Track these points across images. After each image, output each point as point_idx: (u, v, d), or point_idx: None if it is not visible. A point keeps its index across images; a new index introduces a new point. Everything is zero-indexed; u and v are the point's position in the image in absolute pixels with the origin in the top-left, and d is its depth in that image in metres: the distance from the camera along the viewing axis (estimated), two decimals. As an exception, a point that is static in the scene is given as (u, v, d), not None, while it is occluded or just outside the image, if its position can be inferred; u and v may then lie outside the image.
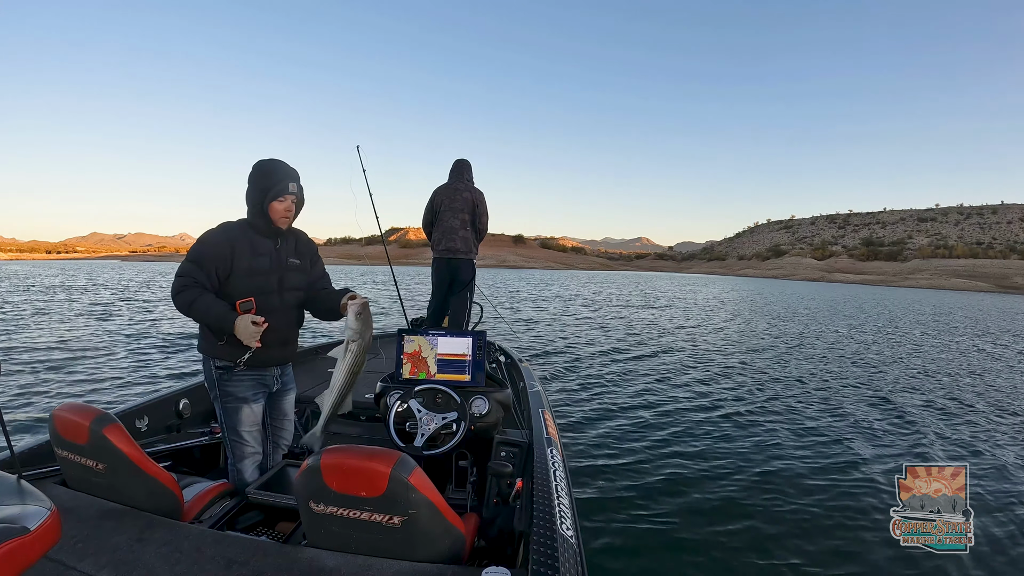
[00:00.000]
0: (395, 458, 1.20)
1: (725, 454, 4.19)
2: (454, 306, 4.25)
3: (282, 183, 1.88)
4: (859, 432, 4.90)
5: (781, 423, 5.10)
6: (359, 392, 2.96)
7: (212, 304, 1.79)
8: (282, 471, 1.99)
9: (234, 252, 1.84)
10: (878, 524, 3.08)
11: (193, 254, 1.84)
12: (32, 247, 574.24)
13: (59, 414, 1.51)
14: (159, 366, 6.89)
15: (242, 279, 1.86)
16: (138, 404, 2.35)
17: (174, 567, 1.19)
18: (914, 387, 7.14)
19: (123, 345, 8.34)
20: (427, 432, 2.05)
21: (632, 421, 4.96)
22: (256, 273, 1.89)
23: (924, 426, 5.20)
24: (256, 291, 1.89)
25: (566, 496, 1.59)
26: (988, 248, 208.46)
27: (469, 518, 1.66)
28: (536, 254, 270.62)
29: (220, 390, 1.93)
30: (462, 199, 4.14)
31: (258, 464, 2.04)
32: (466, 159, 4.35)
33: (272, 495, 1.80)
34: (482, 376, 2.35)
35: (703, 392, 6.32)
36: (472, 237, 4.21)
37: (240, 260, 1.85)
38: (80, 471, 1.52)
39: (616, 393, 6.07)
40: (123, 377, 6.21)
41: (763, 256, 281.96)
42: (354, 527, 1.21)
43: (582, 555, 1.34)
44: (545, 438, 2.00)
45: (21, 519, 0.93)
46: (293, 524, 1.79)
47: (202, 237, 1.87)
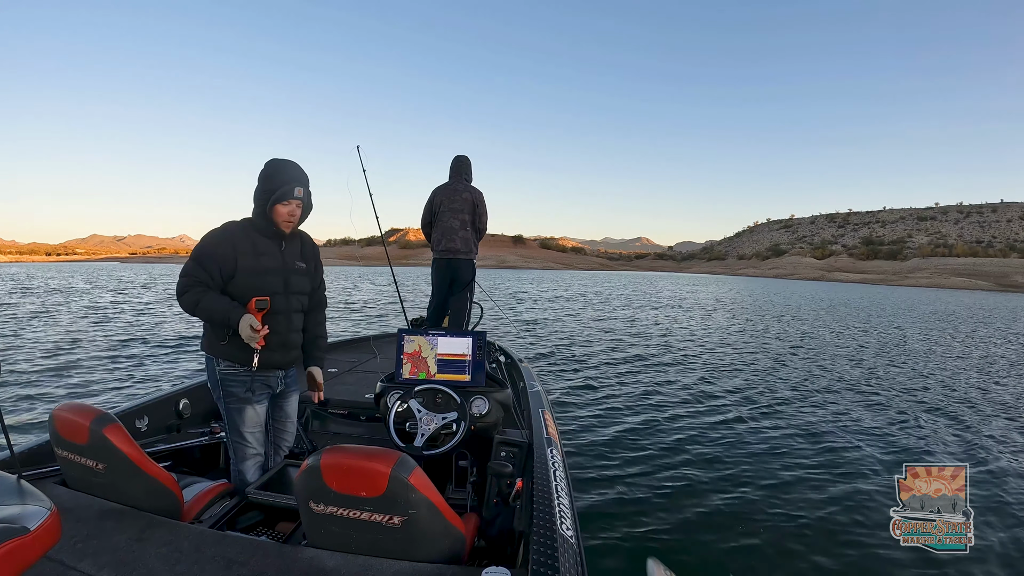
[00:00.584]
0: (395, 458, 1.20)
1: (725, 454, 4.19)
2: (454, 306, 4.23)
3: (288, 186, 1.87)
4: (859, 431, 4.90)
5: (781, 423, 5.10)
6: (359, 392, 2.96)
7: (217, 299, 1.80)
8: (282, 471, 1.99)
9: (236, 251, 1.84)
10: (878, 524, 3.09)
11: (196, 253, 1.84)
12: (32, 249, 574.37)
13: (59, 414, 1.51)
14: (159, 366, 6.89)
15: (247, 279, 1.86)
16: (138, 404, 2.35)
17: (174, 567, 1.19)
18: (916, 387, 7.14)
19: (123, 345, 8.34)
20: (427, 432, 2.05)
21: (632, 421, 4.96)
22: (261, 273, 1.89)
23: (924, 425, 5.20)
24: (262, 291, 1.88)
25: (566, 496, 1.59)
26: (988, 247, 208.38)
27: (469, 518, 1.66)
28: (536, 254, 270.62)
29: (224, 391, 1.93)
30: (462, 199, 4.11)
31: (260, 465, 2.04)
32: (465, 156, 4.31)
33: (272, 495, 1.80)
34: (482, 376, 2.35)
35: (703, 391, 6.32)
36: (472, 237, 4.20)
37: (244, 259, 1.85)
38: (80, 471, 1.52)
39: (616, 393, 6.07)
40: (123, 377, 6.21)
41: (763, 256, 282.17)
42: (354, 527, 1.21)
43: (582, 555, 1.34)
44: (545, 438, 2.00)
45: (21, 519, 0.93)
46: (293, 524, 1.79)
47: (204, 237, 1.88)
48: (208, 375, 1.98)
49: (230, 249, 1.84)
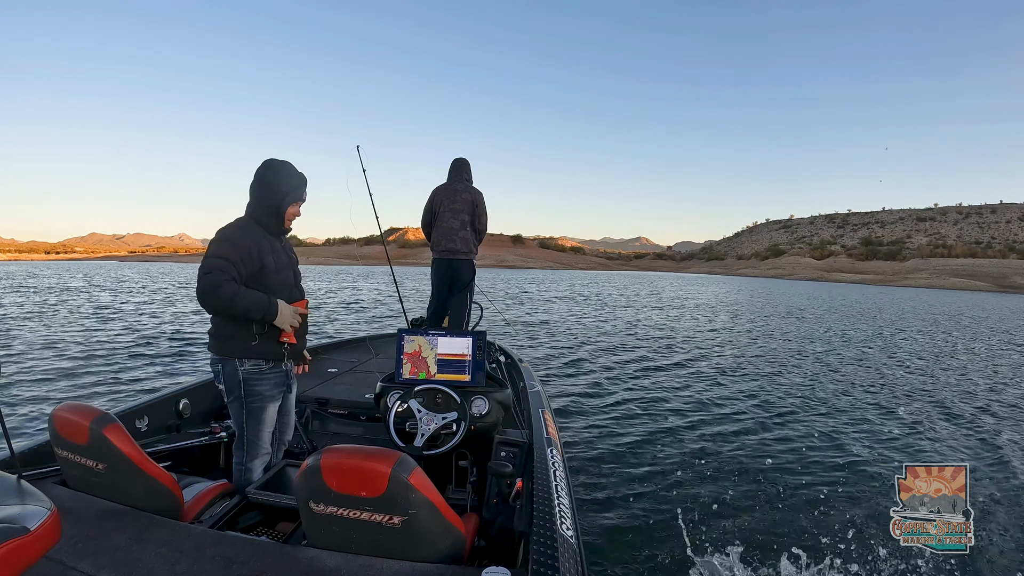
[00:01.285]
0: (395, 458, 1.20)
1: (725, 453, 4.19)
2: (454, 306, 4.22)
3: (300, 188, 1.98)
4: (859, 431, 4.91)
5: (781, 422, 5.10)
6: (359, 392, 2.96)
7: (253, 292, 1.84)
8: (282, 471, 1.99)
9: (260, 250, 1.89)
10: (878, 524, 3.09)
11: (225, 250, 1.82)
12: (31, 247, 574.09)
13: (59, 414, 1.51)
14: (159, 366, 6.88)
15: (270, 276, 1.92)
16: (138, 404, 2.35)
17: (174, 567, 1.19)
18: (918, 387, 7.15)
19: (123, 345, 8.33)
20: (427, 432, 2.05)
21: (633, 421, 4.97)
22: (280, 270, 1.97)
23: (925, 425, 5.21)
24: (283, 287, 1.96)
25: (566, 496, 1.59)
26: (987, 247, 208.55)
27: (469, 518, 1.66)
28: (535, 254, 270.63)
29: (246, 391, 1.94)
30: (461, 200, 4.11)
31: (266, 464, 2.07)
32: (465, 158, 4.32)
33: (272, 495, 1.80)
34: (482, 376, 2.35)
35: (704, 391, 6.33)
36: (472, 238, 4.19)
37: (266, 257, 1.91)
38: (80, 471, 1.52)
39: (616, 393, 6.07)
40: (123, 377, 6.20)
41: (762, 256, 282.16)
42: (354, 527, 1.21)
43: (582, 555, 1.34)
44: (545, 438, 2.00)
45: (21, 519, 0.93)
46: (293, 524, 1.79)
47: (228, 235, 1.86)
48: (226, 378, 1.94)
49: (255, 248, 1.87)
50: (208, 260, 1.81)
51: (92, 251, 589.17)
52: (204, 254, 1.84)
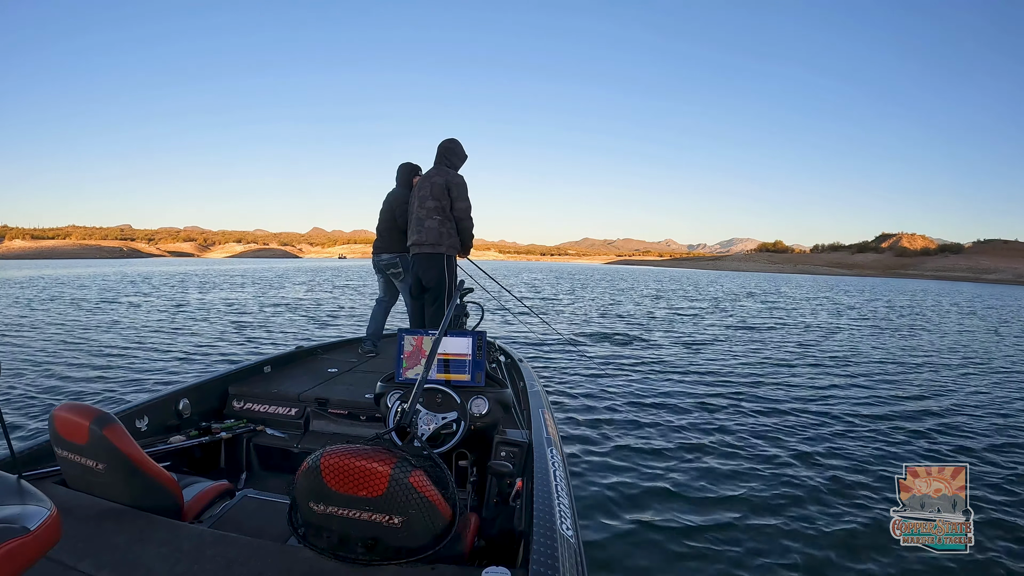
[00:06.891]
0: (395, 458, 1.20)
1: (725, 453, 4.19)
2: (431, 317, 3.77)
3: None
4: (859, 431, 4.90)
5: (781, 422, 5.09)
6: (359, 392, 2.97)
7: None
8: None
9: None
10: (878, 524, 3.09)
11: None
12: (528, 249, 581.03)
13: (59, 414, 1.51)
14: (159, 366, 6.89)
15: None
16: (138, 404, 2.35)
17: (174, 567, 1.19)
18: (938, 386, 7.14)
19: (123, 345, 8.34)
20: (427, 432, 2.05)
21: (633, 421, 4.96)
22: None
23: (927, 424, 5.20)
24: None
25: (566, 496, 1.59)
26: None
27: (469, 518, 1.66)
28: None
29: None
30: (431, 183, 3.73)
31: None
32: (454, 139, 3.88)
33: (272, 495, 1.80)
34: (482, 376, 2.36)
35: (704, 391, 6.32)
36: (442, 227, 3.71)
37: None
38: (80, 471, 1.52)
39: (616, 393, 6.07)
40: (123, 377, 6.21)
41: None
42: (354, 527, 1.22)
43: (582, 555, 1.34)
44: (545, 438, 2.01)
45: (21, 519, 0.93)
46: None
47: None
48: None
49: None
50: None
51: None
52: None
